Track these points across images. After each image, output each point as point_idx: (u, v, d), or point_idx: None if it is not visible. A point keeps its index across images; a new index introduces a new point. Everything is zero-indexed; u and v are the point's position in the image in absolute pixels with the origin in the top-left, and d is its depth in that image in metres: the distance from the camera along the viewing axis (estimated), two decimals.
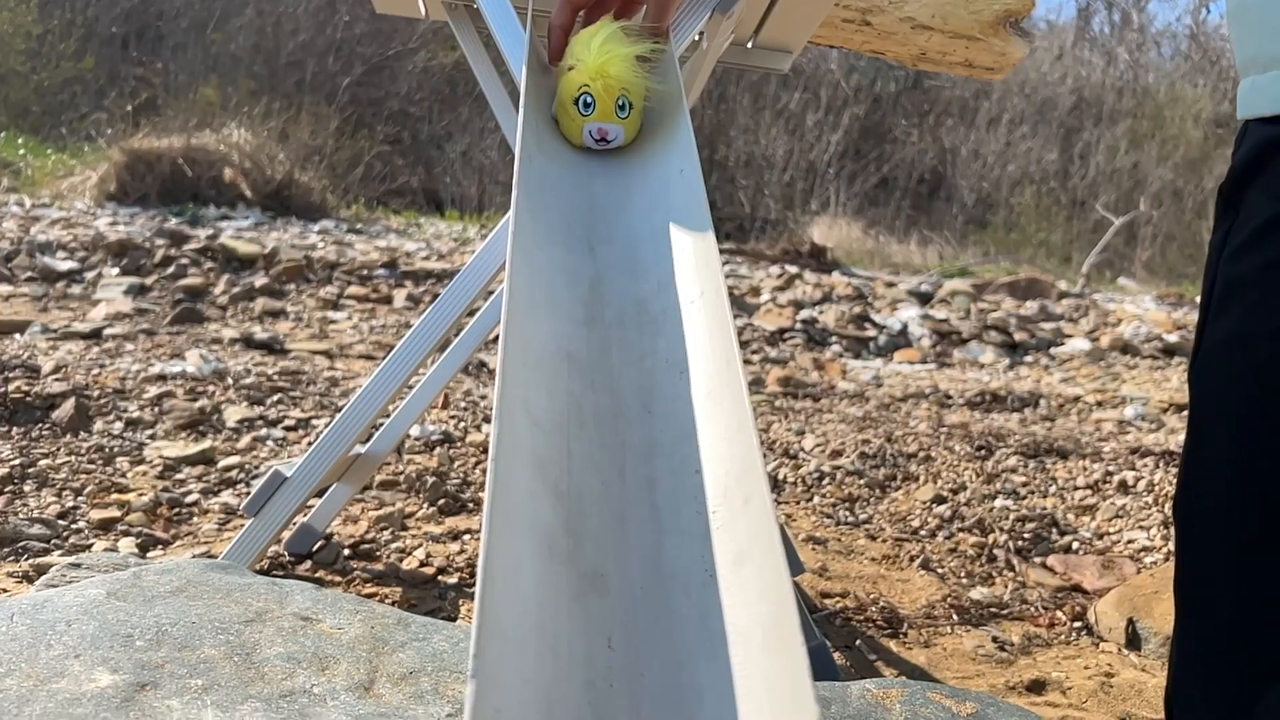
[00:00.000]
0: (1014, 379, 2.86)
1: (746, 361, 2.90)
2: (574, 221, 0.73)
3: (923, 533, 1.43)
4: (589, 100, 0.75)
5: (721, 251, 4.72)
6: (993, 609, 1.21)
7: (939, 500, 1.53)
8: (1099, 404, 2.54)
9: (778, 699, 0.40)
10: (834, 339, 3.17)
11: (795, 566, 0.87)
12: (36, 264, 2.89)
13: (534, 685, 0.41)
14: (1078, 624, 1.20)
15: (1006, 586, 1.28)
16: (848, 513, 1.49)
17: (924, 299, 4.01)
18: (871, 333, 3.28)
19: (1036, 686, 1.04)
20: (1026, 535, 1.43)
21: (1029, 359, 3.19)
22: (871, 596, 1.19)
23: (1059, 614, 1.22)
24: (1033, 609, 1.23)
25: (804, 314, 3.37)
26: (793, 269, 4.55)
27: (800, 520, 1.45)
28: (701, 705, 0.42)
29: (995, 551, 1.38)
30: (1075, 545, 1.42)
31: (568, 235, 0.72)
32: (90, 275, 2.89)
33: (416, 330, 0.92)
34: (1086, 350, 3.26)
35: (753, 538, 0.47)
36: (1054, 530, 1.46)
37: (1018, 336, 3.37)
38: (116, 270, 2.96)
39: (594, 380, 0.63)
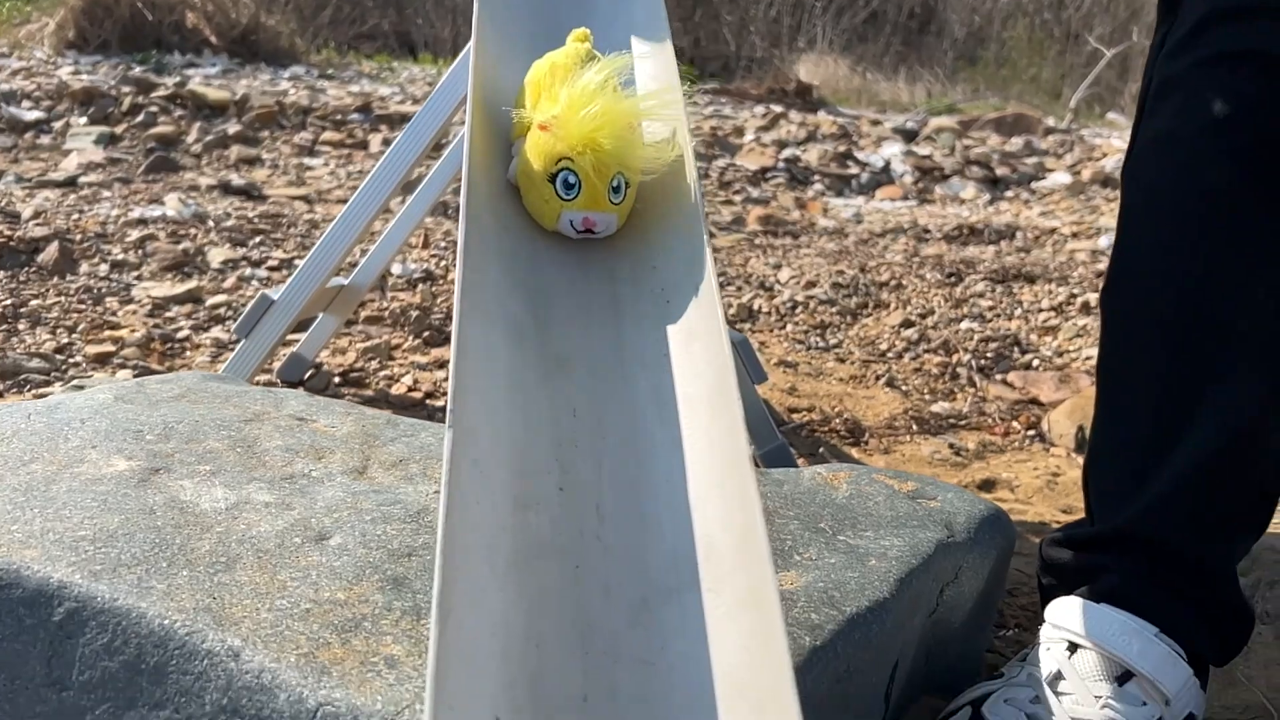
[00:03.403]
0: (993, 213, 2.89)
1: (728, 202, 2.90)
2: (536, 37, 0.75)
3: (890, 355, 1.50)
4: (571, 181, 0.54)
5: (705, 91, 4.57)
6: (951, 420, 1.28)
7: (907, 324, 1.59)
8: (1074, 235, 2.57)
9: (719, 449, 0.46)
10: (816, 177, 3.16)
11: (758, 375, 0.93)
12: (2, 114, 2.83)
13: (507, 443, 0.46)
14: (1031, 432, 1.28)
15: (966, 401, 1.35)
16: (819, 339, 1.54)
17: (909, 136, 3.97)
18: (854, 170, 3.27)
19: (987, 485, 1.12)
20: (989, 355, 1.50)
21: (1009, 194, 3.21)
22: (836, 411, 1.26)
23: (1014, 424, 1.30)
24: (990, 420, 1.30)
25: (787, 153, 3.34)
26: (778, 108, 4.47)
27: (773, 347, 1.51)
28: (655, 459, 0.48)
29: (958, 370, 1.45)
30: (1035, 363, 1.49)
31: (530, 51, 0.73)
32: (58, 125, 2.83)
33: (392, 151, 0.94)
34: (1067, 184, 3.27)
35: (701, 318, 0.51)
36: (1016, 349, 1.53)
37: (999, 172, 3.37)
38: (84, 120, 2.90)
39: None
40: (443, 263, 1.72)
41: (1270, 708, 0.72)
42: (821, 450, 1.14)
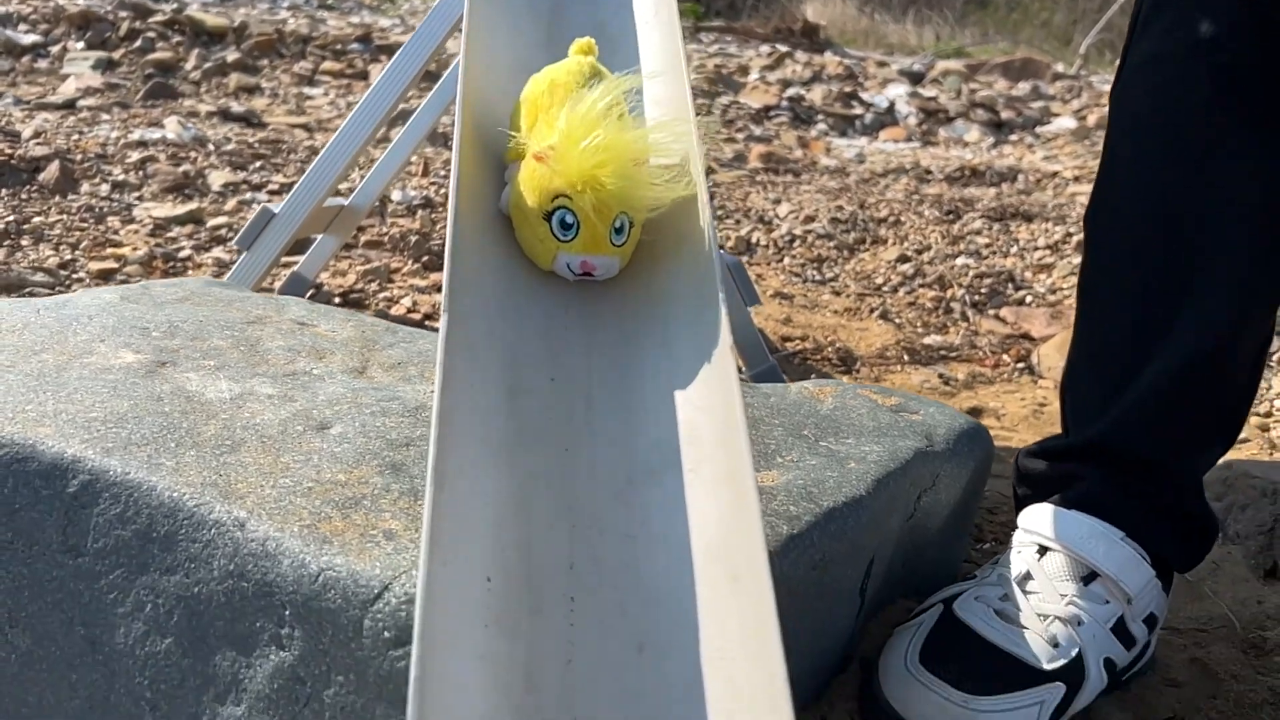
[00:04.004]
0: (996, 156, 2.87)
1: (730, 140, 2.88)
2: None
3: (885, 289, 1.51)
4: (569, 220, 0.48)
5: (710, 29, 4.49)
6: (943, 352, 1.30)
7: (903, 259, 1.60)
8: (1076, 179, 2.56)
9: (703, 343, 0.48)
10: (820, 117, 3.14)
11: (750, 297, 0.94)
12: None
13: (501, 338, 0.48)
14: (1021, 365, 1.30)
15: (958, 334, 1.37)
16: (815, 272, 1.56)
17: (915, 79, 3.93)
18: (858, 111, 3.24)
19: (974, 413, 1.14)
20: (983, 290, 1.51)
21: (1013, 138, 3.18)
22: (830, 340, 1.28)
23: (1004, 357, 1.32)
24: (980, 353, 1.32)
25: (791, 92, 3.31)
26: (783, 48, 4.41)
27: (769, 279, 1.52)
28: (643, 354, 0.50)
29: (952, 304, 1.46)
30: (1029, 299, 1.51)
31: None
32: (55, 49, 2.80)
33: (388, 71, 0.94)
34: (1072, 129, 3.25)
35: (690, 224, 0.53)
36: (1010, 285, 1.54)
37: (1004, 115, 3.34)
38: (82, 44, 2.87)
39: None
40: (441, 190, 1.73)
41: (1233, 618, 0.75)
42: (813, 376, 1.16)
